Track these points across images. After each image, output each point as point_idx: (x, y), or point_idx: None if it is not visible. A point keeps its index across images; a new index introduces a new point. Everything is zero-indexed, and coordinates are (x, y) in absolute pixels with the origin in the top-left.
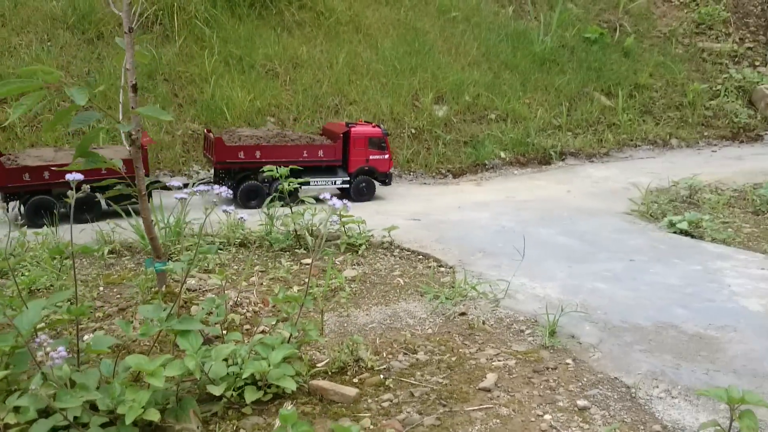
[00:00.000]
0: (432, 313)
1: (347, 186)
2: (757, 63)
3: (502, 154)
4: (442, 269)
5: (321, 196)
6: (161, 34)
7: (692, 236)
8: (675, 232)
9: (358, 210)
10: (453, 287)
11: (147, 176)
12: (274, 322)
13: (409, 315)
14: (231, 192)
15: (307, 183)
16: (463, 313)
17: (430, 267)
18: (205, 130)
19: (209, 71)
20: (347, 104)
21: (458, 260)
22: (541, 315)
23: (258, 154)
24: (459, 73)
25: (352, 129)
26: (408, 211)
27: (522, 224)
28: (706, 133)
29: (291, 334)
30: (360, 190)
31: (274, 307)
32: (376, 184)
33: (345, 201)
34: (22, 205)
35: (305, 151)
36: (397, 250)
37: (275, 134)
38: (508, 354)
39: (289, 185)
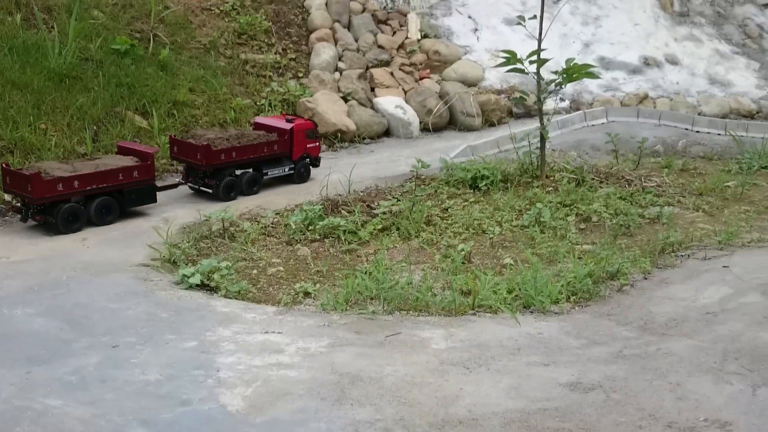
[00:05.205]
0: None
1: (291, 172)
2: (300, 74)
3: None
4: None
5: None
6: None
7: (209, 288)
8: (188, 288)
9: None
10: None
11: (153, 182)
12: None
13: None
14: None
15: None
16: None
17: None
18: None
19: None
20: None
21: None
22: None
23: (234, 154)
24: None
25: (295, 123)
26: None
27: None
28: None
29: None
30: (301, 174)
31: None
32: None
33: None
34: None
35: (266, 147)
36: None
37: (239, 134)
38: None
39: None
